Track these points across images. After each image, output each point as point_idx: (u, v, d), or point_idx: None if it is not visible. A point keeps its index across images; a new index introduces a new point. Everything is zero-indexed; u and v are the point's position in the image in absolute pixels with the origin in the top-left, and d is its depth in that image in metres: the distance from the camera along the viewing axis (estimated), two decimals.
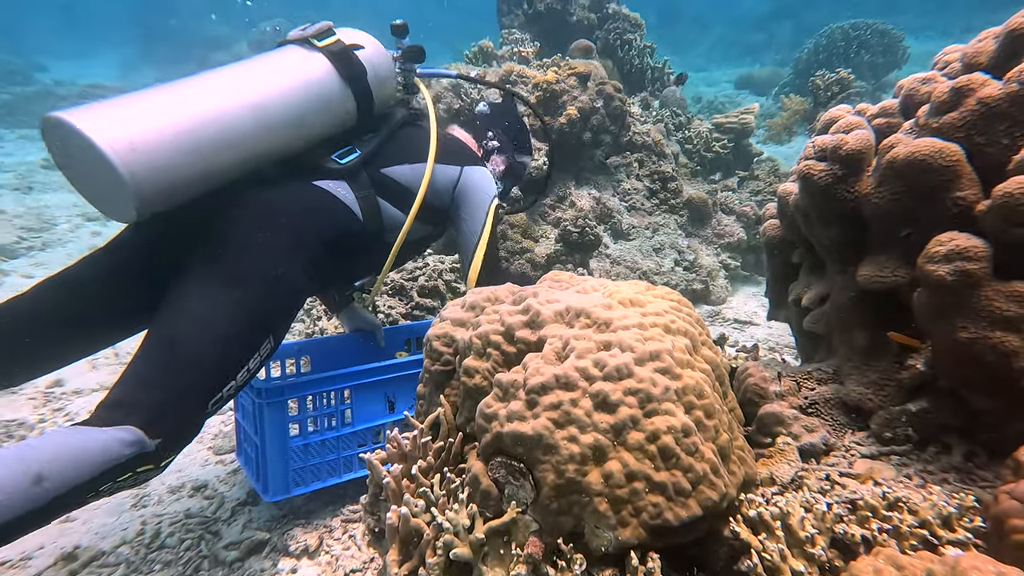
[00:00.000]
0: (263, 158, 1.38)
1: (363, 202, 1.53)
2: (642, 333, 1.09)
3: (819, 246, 1.37)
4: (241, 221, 1.33)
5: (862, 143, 1.15)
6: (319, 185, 1.49)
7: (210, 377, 1.23)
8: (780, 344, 2.70)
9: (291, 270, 1.35)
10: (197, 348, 1.21)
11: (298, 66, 1.44)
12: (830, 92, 3.77)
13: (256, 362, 1.31)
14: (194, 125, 1.22)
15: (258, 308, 1.30)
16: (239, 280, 1.28)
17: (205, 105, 1.26)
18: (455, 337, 1.32)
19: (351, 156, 1.54)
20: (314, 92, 1.43)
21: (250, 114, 1.31)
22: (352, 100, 1.51)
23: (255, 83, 1.35)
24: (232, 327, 1.25)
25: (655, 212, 3.60)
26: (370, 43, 1.58)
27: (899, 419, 1.02)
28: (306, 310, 2.74)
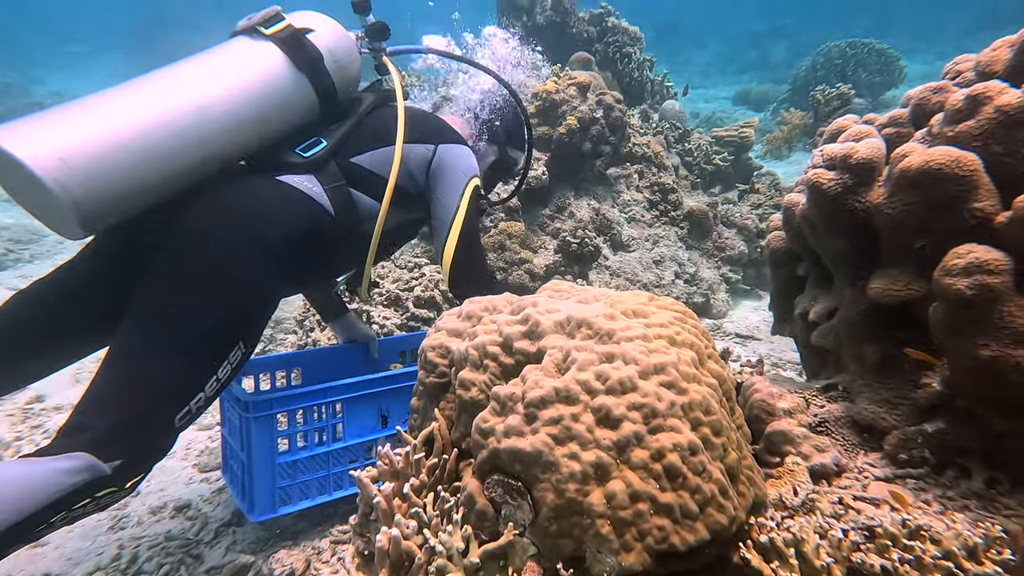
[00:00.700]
0: (218, 160, 1.31)
1: (333, 194, 1.44)
2: (646, 345, 1.05)
3: (827, 258, 1.34)
4: (198, 226, 1.27)
5: (873, 152, 1.12)
6: (282, 180, 1.40)
7: (172, 391, 1.17)
8: (783, 360, 2.66)
9: (253, 274, 1.29)
10: (154, 363, 1.16)
11: (244, 59, 1.35)
12: (831, 106, 3.78)
13: (227, 371, 1.26)
14: (133, 133, 1.16)
15: (220, 317, 1.24)
16: (196, 288, 1.22)
17: (144, 111, 1.19)
18: (451, 348, 1.28)
19: (316, 148, 1.46)
20: (265, 85, 1.34)
21: (195, 116, 1.23)
22: (310, 89, 1.41)
23: (198, 82, 1.27)
24: (192, 338, 1.20)
25: (655, 224, 3.58)
26: (324, 25, 1.47)
27: (915, 440, 0.98)
28: (298, 322, 2.69)
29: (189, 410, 1.19)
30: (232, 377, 1.29)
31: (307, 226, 1.40)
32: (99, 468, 1.03)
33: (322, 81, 1.43)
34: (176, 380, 1.18)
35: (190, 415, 1.20)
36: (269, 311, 1.38)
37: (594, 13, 5.74)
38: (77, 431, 1.06)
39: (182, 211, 1.27)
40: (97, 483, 1.03)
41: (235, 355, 1.26)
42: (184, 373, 1.19)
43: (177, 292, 1.22)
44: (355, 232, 1.50)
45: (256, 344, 1.35)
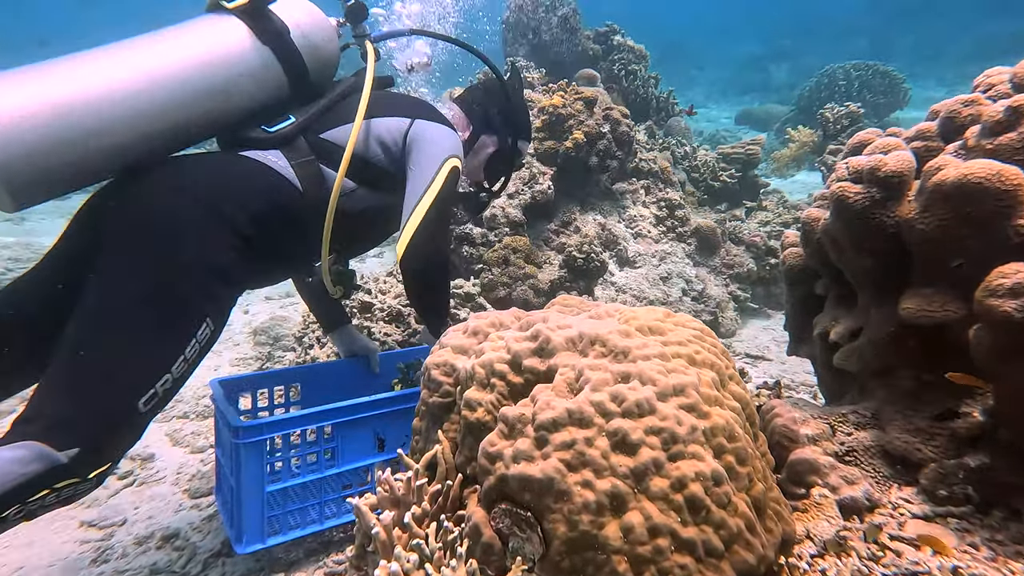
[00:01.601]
0: (174, 134, 1.27)
1: (300, 169, 1.38)
2: (664, 364, 0.99)
3: (851, 275, 1.28)
4: (152, 200, 1.23)
5: (903, 164, 1.07)
6: (245, 155, 1.36)
7: (134, 373, 1.10)
8: (796, 381, 2.59)
9: (210, 248, 1.23)
10: (112, 343, 1.10)
11: (203, 31, 1.31)
12: (839, 125, 3.77)
13: (195, 350, 1.19)
14: (75, 102, 1.11)
15: (179, 293, 1.18)
16: (150, 265, 1.17)
17: (89, 81, 1.14)
18: (456, 366, 1.22)
19: (282, 123, 1.41)
20: (225, 56, 1.29)
21: (145, 88, 1.19)
22: (275, 63, 1.37)
23: (150, 53, 1.23)
24: (150, 317, 1.14)
25: (662, 240, 3.53)
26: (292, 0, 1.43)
27: (955, 475, 0.91)
28: (297, 338, 2.63)
29: (155, 393, 1.12)
30: (201, 356, 1.22)
31: (271, 199, 1.35)
32: (52, 457, 0.97)
33: (288, 55, 1.38)
34: (138, 360, 1.11)
35: (157, 399, 1.13)
36: (232, 286, 1.31)
37: (599, 31, 5.78)
38: (29, 420, 1.00)
39: (136, 185, 1.23)
40: (53, 473, 0.98)
41: (203, 332, 1.20)
42: (147, 353, 1.12)
43: (135, 269, 1.16)
44: (324, 211, 1.41)
45: (224, 322, 1.28)
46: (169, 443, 2.12)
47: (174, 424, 2.26)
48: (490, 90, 1.81)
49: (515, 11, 5.75)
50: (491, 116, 1.77)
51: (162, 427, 2.24)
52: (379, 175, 1.50)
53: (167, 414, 2.32)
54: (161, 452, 2.06)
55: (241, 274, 1.32)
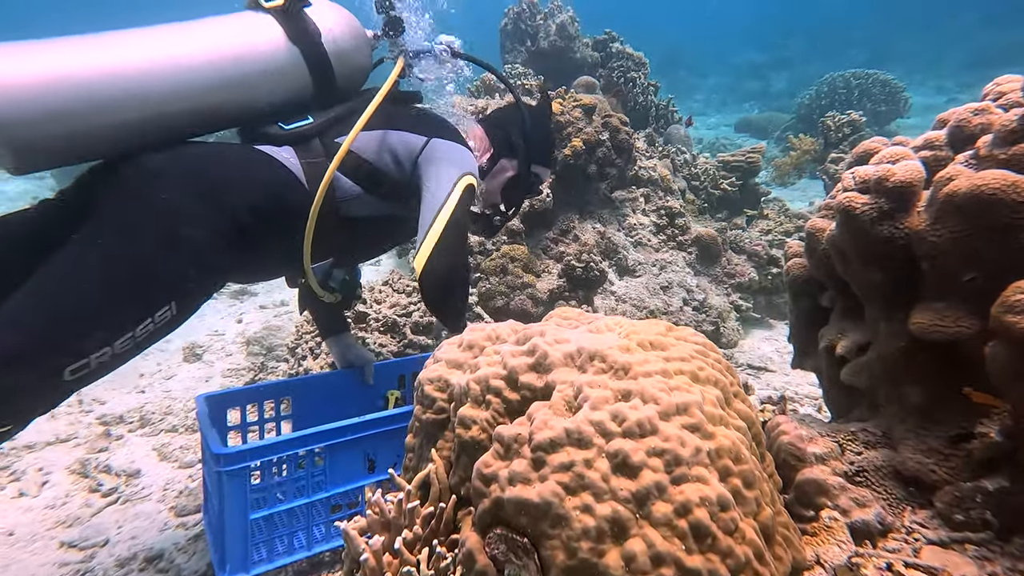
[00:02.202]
0: (192, 118, 1.28)
1: (309, 168, 1.40)
2: (666, 382, 0.96)
3: (859, 288, 1.25)
4: (155, 172, 1.22)
5: (912, 174, 1.04)
6: (258, 148, 1.38)
7: (71, 332, 1.04)
8: (800, 394, 2.55)
9: (199, 233, 1.21)
10: (57, 296, 1.05)
11: (237, 26, 1.34)
12: (841, 133, 3.76)
13: (147, 331, 1.14)
14: (93, 74, 1.12)
15: (152, 268, 1.15)
16: (130, 232, 1.15)
17: (111, 55, 1.16)
18: (450, 381, 1.18)
19: (300, 123, 1.43)
20: (252, 49, 1.32)
21: (169, 69, 1.21)
22: (302, 63, 1.40)
23: (181, 40, 1.25)
24: (111, 282, 1.10)
25: (662, 248, 3.51)
26: (326, 5, 1.47)
27: (972, 498, 0.88)
28: (290, 349, 2.59)
29: (87, 364, 1.06)
30: (152, 340, 1.18)
31: (275, 192, 1.35)
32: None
33: (316, 57, 1.41)
34: (80, 321, 1.06)
35: (87, 371, 1.07)
36: (213, 275, 1.29)
37: (598, 39, 5.80)
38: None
39: (143, 161, 1.22)
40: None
41: (162, 315, 1.17)
42: (93, 315, 1.07)
43: (116, 234, 1.14)
44: (335, 215, 1.43)
45: (192, 312, 1.25)
46: (156, 458, 2.08)
47: (162, 438, 2.22)
48: (515, 114, 1.82)
49: (512, 19, 5.77)
50: (513, 141, 1.77)
51: (149, 441, 2.19)
52: (387, 184, 1.51)
53: (155, 427, 2.28)
54: (147, 467, 2.01)
55: (226, 265, 1.31)
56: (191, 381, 2.79)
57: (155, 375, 2.81)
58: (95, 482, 1.86)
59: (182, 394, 2.62)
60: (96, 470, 1.92)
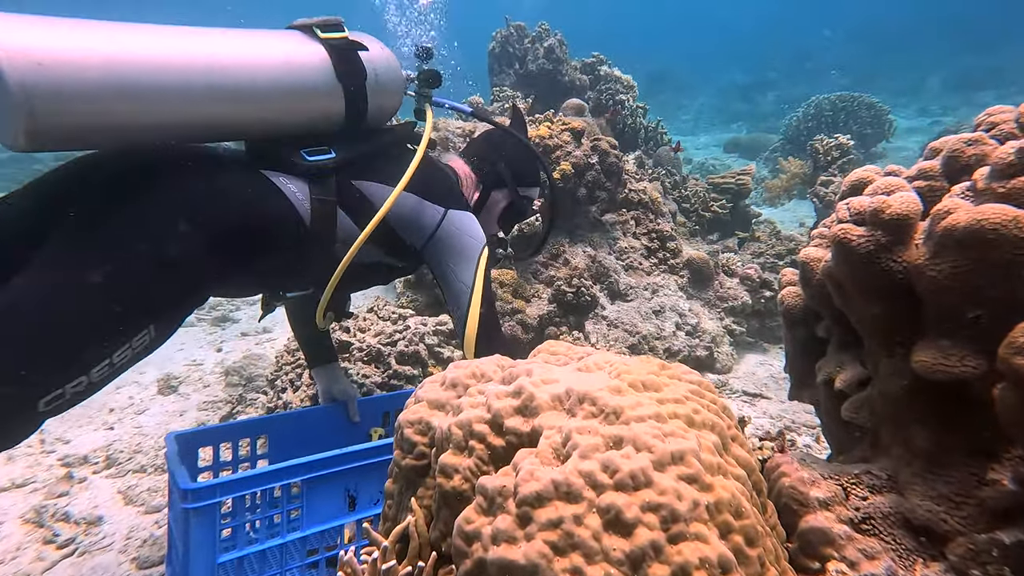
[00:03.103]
0: (213, 129, 1.25)
1: (317, 206, 1.38)
2: (660, 427, 0.91)
3: (858, 322, 1.22)
4: (148, 186, 1.18)
5: (908, 207, 1.02)
6: (267, 175, 1.35)
7: (45, 364, 0.99)
8: (796, 423, 2.51)
9: (186, 255, 1.18)
10: (24, 327, 0.99)
11: (286, 45, 1.33)
12: (830, 156, 3.81)
13: (124, 357, 1.10)
14: (129, 63, 1.09)
15: (130, 292, 1.10)
16: (109, 253, 1.09)
17: (153, 48, 1.13)
18: (432, 424, 1.13)
19: (323, 156, 1.41)
20: (295, 76, 1.31)
21: (204, 71, 1.18)
22: (341, 101, 1.40)
23: (225, 45, 1.23)
24: (87, 307, 1.05)
25: (654, 272, 3.49)
26: (379, 49, 1.48)
27: (988, 552, 0.83)
28: (270, 381, 2.51)
29: (62, 394, 1.02)
30: (130, 364, 1.14)
31: (271, 225, 1.33)
32: None
33: (356, 99, 1.41)
34: (53, 351, 1.00)
35: (62, 400, 1.02)
36: (195, 299, 1.27)
37: (586, 62, 5.89)
38: None
39: (140, 164, 1.19)
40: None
41: (140, 340, 1.12)
42: (67, 345, 1.02)
43: (96, 249, 1.08)
44: (325, 252, 1.42)
45: (171, 332, 1.21)
46: (121, 502, 1.98)
47: (129, 480, 2.12)
48: (493, 142, 1.84)
49: (500, 42, 5.85)
50: (499, 170, 1.78)
51: (115, 483, 2.09)
52: (395, 241, 1.53)
53: (122, 467, 2.18)
54: (111, 513, 1.91)
55: (209, 286, 1.29)
56: (164, 416, 2.69)
57: (126, 410, 2.71)
58: (51, 532, 1.76)
59: (154, 430, 2.52)
60: (53, 518, 1.81)
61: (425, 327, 2.54)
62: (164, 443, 2.46)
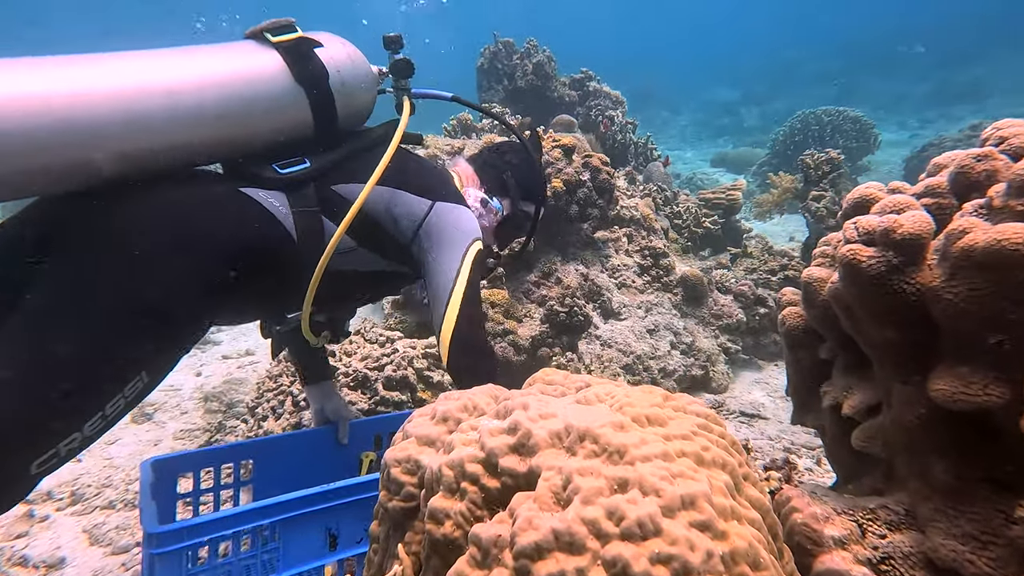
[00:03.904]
0: (181, 153, 1.19)
1: (300, 218, 1.32)
2: (668, 467, 0.85)
3: (869, 347, 1.18)
4: (122, 226, 1.12)
5: (920, 226, 0.98)
6: (245, 192, 1.29)
7: (32, 431, 0.96)
8: (796, 444, 2.46)
9: (172, 291, 1.13)
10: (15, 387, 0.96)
11: (238, 58, 1.27)
12: (820, 171, 3.84)
13: (118, 407, 1.06)
14: (76, 100, 1.03)
15: (119, 343, 1.06)
16: (94, 301, 1.05)
17: (100, 81, 1.07)
18: (421, 462, 1.05)
19: (297, 167, 1.35)
20: (253, 88, 1.25)
21: (162, 100, 1.12)
22: (306, 104, 1.33)
23: (176, 67, 1.17)
24: (76, 362, 1.01)
25: (647, 290, 3.46)
26: (337, 44, 1.40)
27: None
28: (250, 408, 2.41)
29: (56, 453, 0.99)
30: (125, 412, 1.09)
31: (260, 246, 1.27)
32: None
33: (321, 100, 1.34)
34: (40, 416, 0.96)
35: (57, 459, 0.99)
36: (191, 337, 1.22)
37: (575, 78, 5.93)
38: None
39: (110, 203, 1.12)
40: None
41: (133, 388, 1.08)
42: (54, 408, 0.98)
43: (75, 301, 1.03)
44: (315, 265, 1.35)
45: (166, 373, 1.17)
46: (86, 541, 1.86)
47: (96, 517, 2.00)
48: (505, 153, 1.80)
49: (488, 58, 5.87)
50: (505, 179, 1.74)
51: (79, 521, 1.97)
52: (386, 241, 1.46)
53: (88, 504, 2.06)
54: (74, 554, 1.80)
55: (202, 321, 1.24)
56: (137, 446, 2.58)
57: None
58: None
59: (125, 462, 2.40)
60: (9, 562, 1.70)
61: (414, 350, 2.46)
62: (136, 475, 2.35)
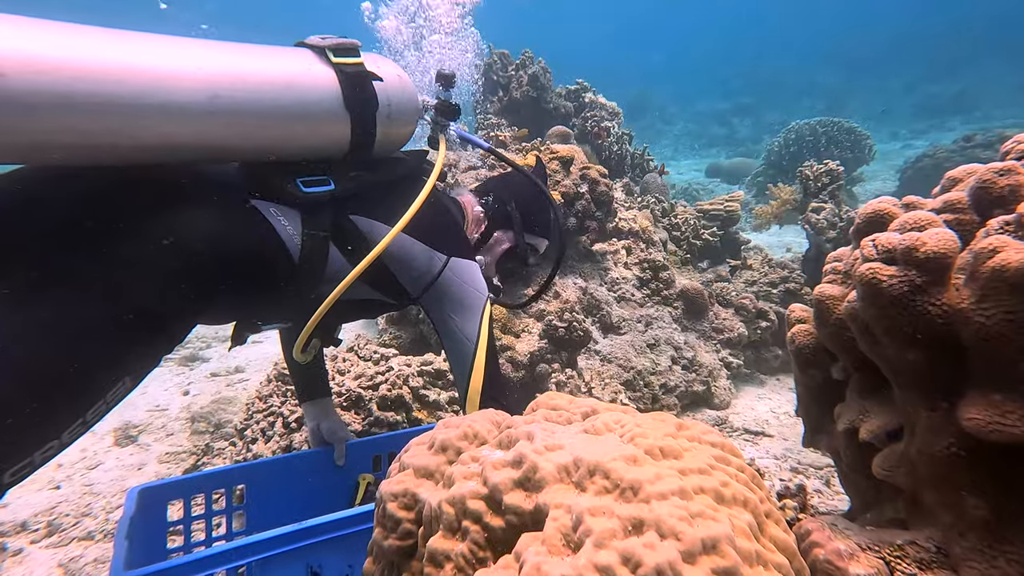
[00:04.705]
0: (206, 150, 1.14)
1: (308, 241, 1.28)
2: (687, 506, 0.79)
3: (890, 369, 1.13)
4: (119, 221, 1.06)
5: (945, 244, 0.94)
6: (257, 206, 1.24)
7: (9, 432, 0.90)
8: (803, 463, 2.40)
9: (163, 303, 1.09)
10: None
11: (295, 68, 1.22)
12: (820, 183, 3.82)
13: (99, 411, 1.01)
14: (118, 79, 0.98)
15: (101, 348, 1.01)
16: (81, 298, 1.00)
17: (145, 62, 1.02)
18: (419, 496, 0.99)
19: (320, 188, 1.30)
20: (299, 97, 1.20)
21: (204, 95, 1.07)
22: (348, 130, 1.30)
23: (227, 64, 1.13)
24: (57, 365, 0.96)
25: (647, 303, 3.41)
26: (396, 78, 1.38)
27: None
28: (239, 430, 2.33)
29: (31, 462, 0.93)
30: (103, 415, 1.03)
31: (254, 261, 1.23)
32: None
33: (364, 129, 1.31)
34: (16, 423, 0.91)
35: (31, 467, 0.94)
36: (173, 342, 1.17)
37: (570, 89, 5.93)
38: None
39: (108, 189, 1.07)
40: None
41: (116, 392, 1.03)
42: (31, 414, 0.92)
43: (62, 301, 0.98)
44: (311, 288, 1.32)
45: (147, 372, 1.12)
46: None
47: (73, 549, 1.90)
48: (508, 183, 1.78)
49: (484, 69, 5.87)
50: (508, 211, 1.72)
51: (55, 554, 1.88)
52: (389, 283, 1.44)
53: (65, 535, 1.97)
54: None
55: (185, 325, 1.20)
56: (120, 470, 2.48)
57: (76, 464, 2.50)
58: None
59: (107, 488, 2.31)
60: None
61: (409, 368, 2.40)
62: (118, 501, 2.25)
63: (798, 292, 3.65)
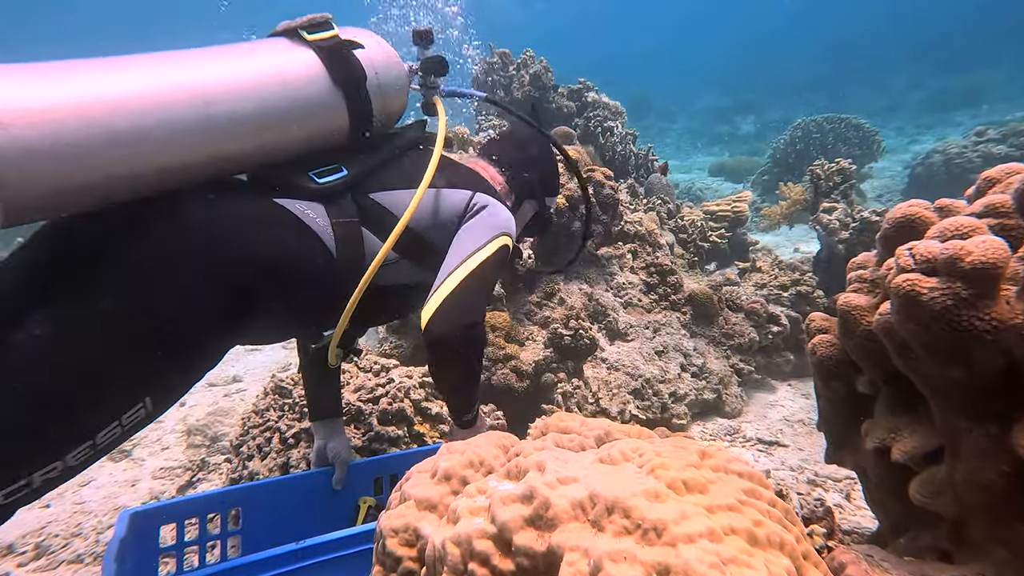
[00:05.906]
0: (212, 166, 1.11)
1: (340, 230, 1.25)
2: (717, 550, 0.72)
3: (927, 387, 1.05)
4: (147, 252, 1.03)
5: (995, 254, 0.87)
6: (281, 204, 1.21)
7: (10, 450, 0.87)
8: (821, 475, 2.32)
9: (194, 316, 1.05)
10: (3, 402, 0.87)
11: (275, 60, 1.19)
12: (831, 182, 3.75)
13: (112, 436, 0.97)
14: (113, 111, 0.95)
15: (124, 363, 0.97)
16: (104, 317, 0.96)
17: (136, 89, 0.99)
18: (421, 532, 0.92)
19: (335, 176, 1.28)
20: (292, 92, 1.18)
21: (200, 109, 1.05)
22: (344, 109, 1.26)
23: (212, 73, 1.09)
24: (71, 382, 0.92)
25: (654, 309, 3.33)
26: (376, 44, 1.34)
27: None
28: (234, 446, 2.26)
29: (30, 483, 0.89)
30: (118, 443, 1.00)
31: (297, 261, 1.19)
32: None
33: (360, 103, 1.28)
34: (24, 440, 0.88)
35: (29, 490, 0.90)
36: (210, 361, 1.14)
37: (572, 88, 5.86)
38: None
39: (137, 225, 1.03)
40: None
41: (132, 416, 0.99)
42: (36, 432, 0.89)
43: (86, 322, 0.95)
44: (358, 277, 1.26)
45: (175, 400, 1.08)
46: None
47: (61, 573, 1.84)
48: (519, 145, 1.73)
49: (485, 69, 5.80)
50: (530, 180, 1.68)
51: None
52: (427, 251, 1.37)
53: (54, 558, 1.90)
54: None
55: (224, 342, 1.15)
56: (113, 487, 2.42)
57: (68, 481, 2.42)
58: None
59: (98, 506, 2.25)
60: None
61: (410, 379, 2.32)
62: (110, 520, 2.19)
63: (811, 295, 3.57)
